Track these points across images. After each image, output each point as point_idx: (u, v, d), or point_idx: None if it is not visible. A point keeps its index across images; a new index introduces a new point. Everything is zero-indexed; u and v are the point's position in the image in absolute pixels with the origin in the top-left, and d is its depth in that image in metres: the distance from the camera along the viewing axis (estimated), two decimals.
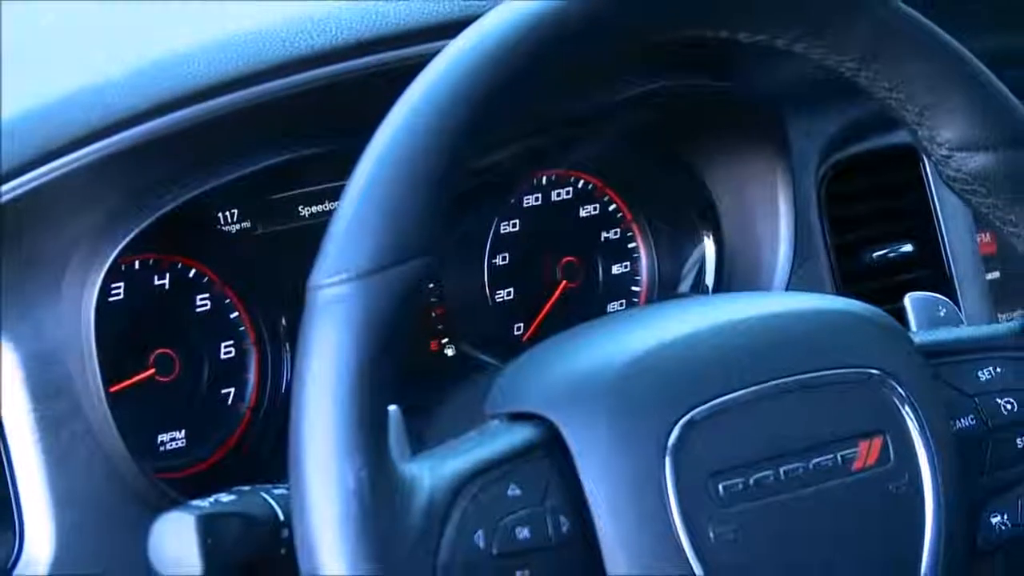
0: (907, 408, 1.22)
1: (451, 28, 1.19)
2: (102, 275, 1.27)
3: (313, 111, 1.32)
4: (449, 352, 1.47)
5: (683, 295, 1.53)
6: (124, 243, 1.28)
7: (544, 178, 1.51)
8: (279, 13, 1.34)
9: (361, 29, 1.32)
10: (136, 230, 1.28)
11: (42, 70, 1.33)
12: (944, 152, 1.27)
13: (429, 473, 1.10)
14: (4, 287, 1.25)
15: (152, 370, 1.36)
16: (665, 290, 1.55)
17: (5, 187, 1.22)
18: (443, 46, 1.12)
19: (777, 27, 1.22)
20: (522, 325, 1.50)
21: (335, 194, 1.10)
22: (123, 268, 1.34)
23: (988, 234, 1.57)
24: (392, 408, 1.10)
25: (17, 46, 1.38)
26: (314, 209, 1.41)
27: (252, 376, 1.41)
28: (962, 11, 1.30)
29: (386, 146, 1.10)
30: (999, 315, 1.56)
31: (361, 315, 1.07)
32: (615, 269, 1.53)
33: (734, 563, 1.16)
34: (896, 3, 1.23)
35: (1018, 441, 1.27)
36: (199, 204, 1.33)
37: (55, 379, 1.26)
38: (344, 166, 1.11)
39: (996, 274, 1.58)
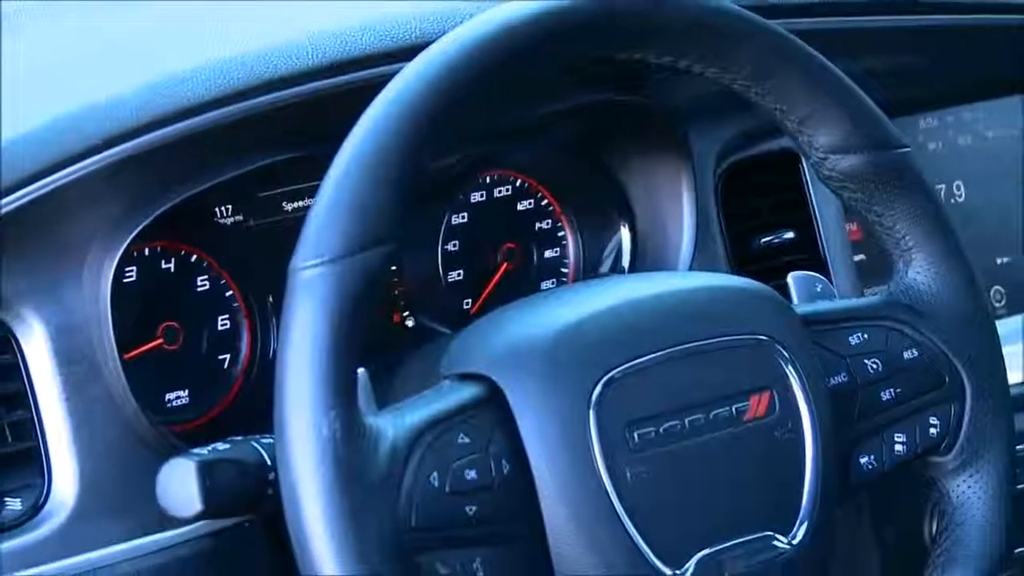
0: (790, 368, 1.22)
1: (407, 52, 1.19)
2: (116, 260, 1.26)
3: (293, 122, 1.30)
4: (409, 323, 1.46)
5: (604, 275, 1.52)
6: (135, 233, 1.26)
7: (488, 178, 1.50)
8: (264, 39, 1.33)
9: (333, 53, 1.31)
10: (145, 223, 1.27)
11: (62, 88, 1.31)
12: (820, 155, 1.27)
13: (392, 425, 1.10)
14: (35, 271, 1.24)
15: (160, 340, 1.35)
16: (589, 271, 1.54)
17: (32, 187, 1.21)
18: (400, 68, 1.12)
19: (678, 51, 1.21)
20: (470, 300, 1.49)
21: (312, 192, 1.09)
22: (135, 254, 1.32)
23: (856, 223, 1.56)
24: (361, 371, 1.09)
25: (43, 67, 1.38)
26: (295, 205, 1.40)
27: (244, 345, 1.39)
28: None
29: (354, 151, 1.10)
30: (865, 290, 1.56)
31: (334, 293, 1.07)
32: (547, 253, 1.52)
33: (648, 499, 1.16)
34: (777, 31, 1.23)
35: (882, 394, 1.27)
36: (199, 201, 1.31)
37: (78, 348, 1.24)
38: (320, 168, 1.10)
39: (862, 256, 1.58)
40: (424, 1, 1.38)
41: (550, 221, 1.52)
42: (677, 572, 1.16)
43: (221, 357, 1.38)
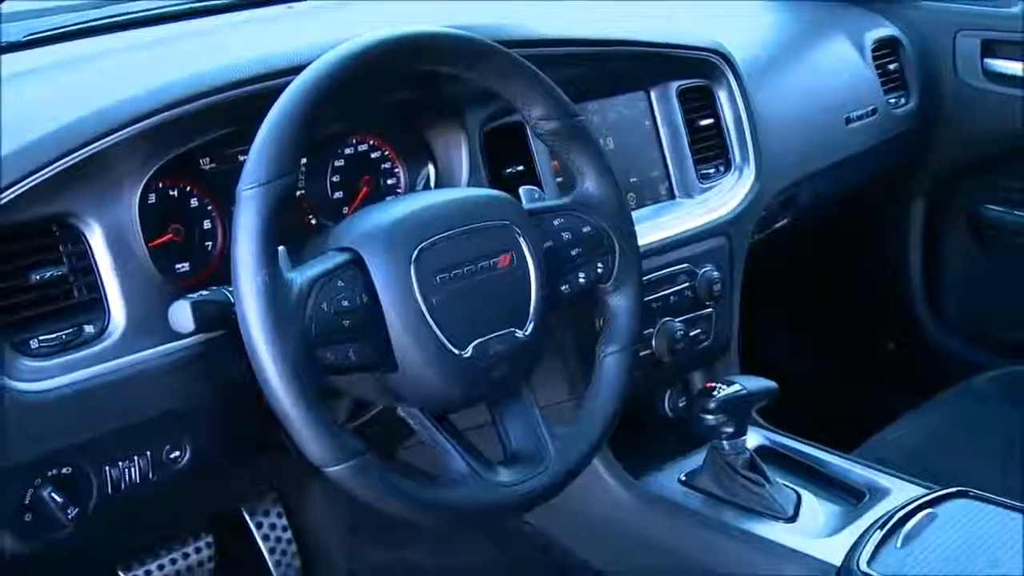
0: (521, 239, 1.22)
1: (299, 68, 1.14)
2: (140, 189, 1.20)
3: (238, 108, 1.23)
4: (313, 222, 1.41)
5: (418, 191, 1.48)
6: (150, 175, 1.20)
7: (354, 139, 1.45)
8: (219, 60, 1.25)
9: (258, 69, 1.24)
10: (156, 167, 1.21)
11: (97, 88, 1.22)
12: (534, 122, 1.27)
13: (299, 276, 1.08)
14: (94, 196, 1.17)
15: (170, 235, 1.28)
16: (411, 190, 1.49)
17: (85, 149, 1.14)
18: (292, 79, 1.10)
19: (453, 65, 1.20)
20: (346, 208, 1.45)
21: None
22: (152, 186, 1.24)
23: (556, 161, 1.55)
24: (281, 248, 1.08)
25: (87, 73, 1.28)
26: (245, 156, 1.32)
27: (219, 236, 1.32)
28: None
29: (269, 125, 1.08)
30: (561, 196, 1.53)
31: (261, 203, 1.05)
32: (389, 181, 1.48)
33: (446, 313, 1.15)
34: (508, 53, 1.21)
35: (571, 252, 1.28)
36: (189, 155, 1.25)
37: (122, 240, 1.18)
38: (255, 134, 1.08)
39: (560, 178, 1.57)
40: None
41: (390, 163, 1.48)
42: (463, 352, 1.16)
43: (206, 244, 1.32)
